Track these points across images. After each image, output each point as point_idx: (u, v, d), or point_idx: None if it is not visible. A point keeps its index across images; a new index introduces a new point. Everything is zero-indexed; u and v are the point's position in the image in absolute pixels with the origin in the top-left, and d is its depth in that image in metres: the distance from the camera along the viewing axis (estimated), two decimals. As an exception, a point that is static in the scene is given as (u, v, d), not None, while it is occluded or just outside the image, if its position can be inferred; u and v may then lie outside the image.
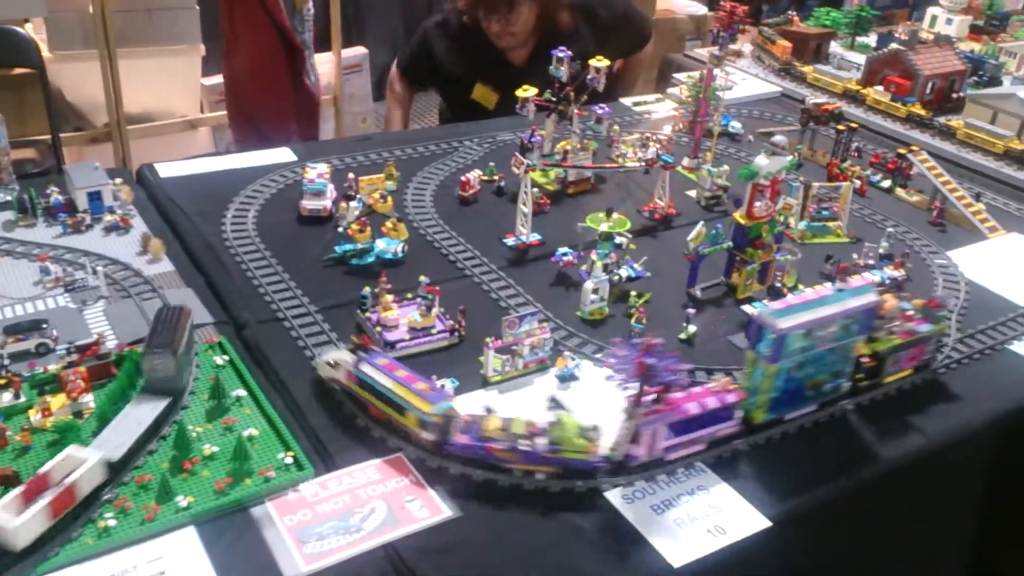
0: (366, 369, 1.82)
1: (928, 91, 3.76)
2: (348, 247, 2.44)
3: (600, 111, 3.03)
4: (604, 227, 2.42)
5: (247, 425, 1.80)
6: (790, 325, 1.81)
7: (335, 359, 1.87)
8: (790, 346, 1.83)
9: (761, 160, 2.29)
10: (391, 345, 2.05)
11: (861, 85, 3.93)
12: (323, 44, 5.06)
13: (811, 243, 2.74)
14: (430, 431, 1.73)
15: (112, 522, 1.55)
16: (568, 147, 2.96)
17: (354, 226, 2.40)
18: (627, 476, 1.76)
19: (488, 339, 2.00)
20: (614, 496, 1.72)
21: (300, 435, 1.80)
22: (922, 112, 3.64)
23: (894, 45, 4.04)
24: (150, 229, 2.52)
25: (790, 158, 2.35)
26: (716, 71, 3.07)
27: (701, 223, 2.34)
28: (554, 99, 2.91)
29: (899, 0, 5.41)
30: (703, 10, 6.37)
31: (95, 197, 2.52)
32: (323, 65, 5.20)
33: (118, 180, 2.61)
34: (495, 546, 1.59)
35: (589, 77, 2.91)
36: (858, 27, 4.60)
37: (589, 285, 2.26)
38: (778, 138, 2.25)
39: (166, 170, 2.87)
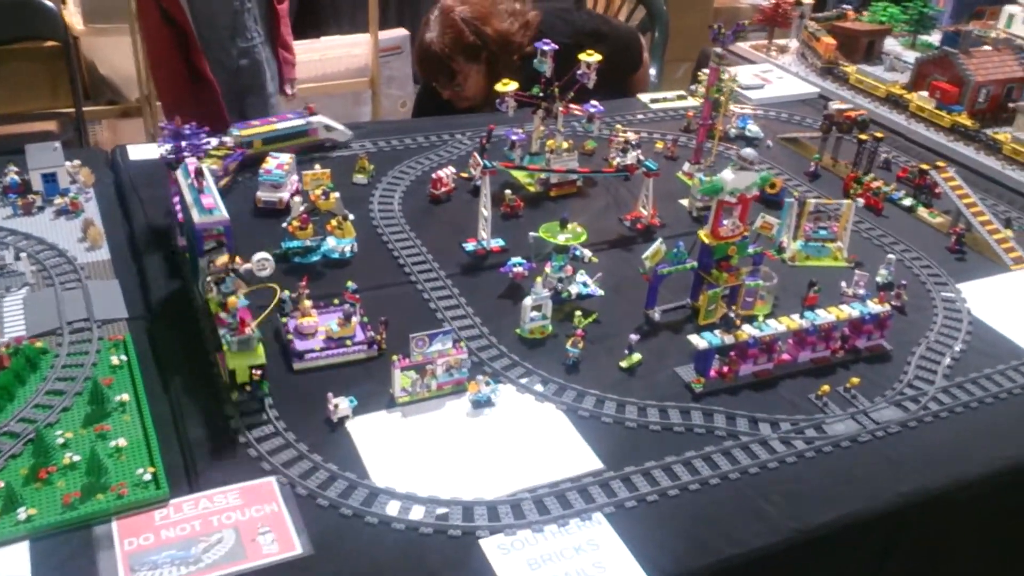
0: None
1: (981, 99, 3.41)
2: (295, 244, 2.33)
3: (592, 109, 2.84)
4: (562, 238, 2.23)
5: (120, 434, 1.70)
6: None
7: None
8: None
9: (727, 174, 2.07)
10: (299, 355, 1.93)
11: (907, 89, 3.60)
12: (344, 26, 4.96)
13: (804, 265, 2.50)
14: None
15: (-55, 531, 1.48)
16: (553, 147, 2.77)
17: (295, 222, 2.29)
18: (512, 524, 1.59)
19: (395, 357, 1.86)
20: (489, 544, 1.56)
21: (173, 448, 1.70)
22: (967, 123, 3.31)
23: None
24: (103, 214, 2.46)
25: (762, 174, 2.11)
26: (727, 70, 2.82)
27: (660, 240, 2.14)
28: (539, 95, 2.72)
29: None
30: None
31: (50, 179, 2.47)
32: (359, 47, 5.13)
33: (76, 162, 2.55)
34: (336, 593, 1.46)
35: (579, 72, 2.72)
36: (920, 24, 4.24)
37: (528, 302, 2.09)
38: (747, 151, 2.03)
39: (137, 152, 2.81)
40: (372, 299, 2.18)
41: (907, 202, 2.85)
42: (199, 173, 1.98)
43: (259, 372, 1.76)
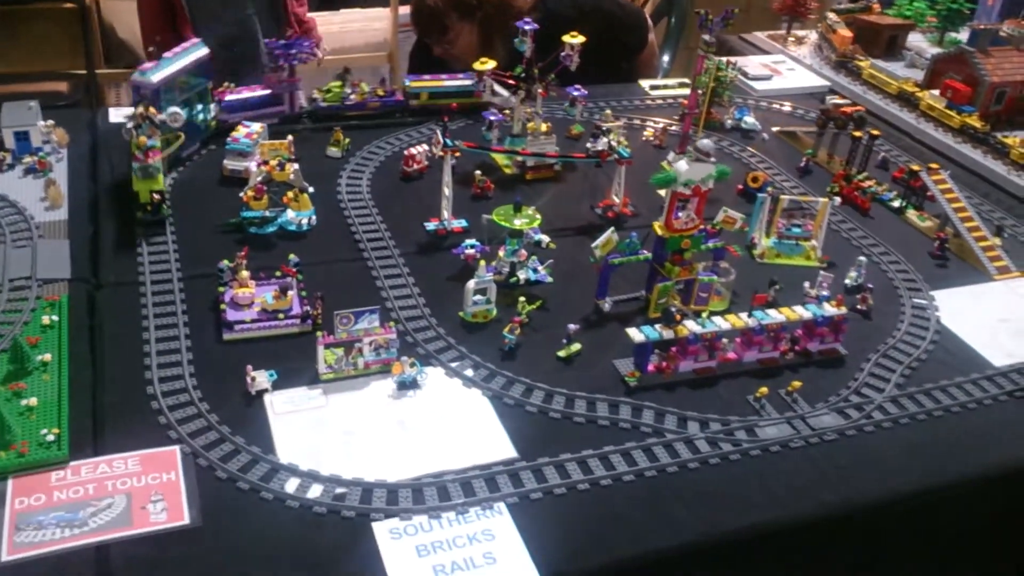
0: None
1: (995, 101, 3.27)
2: (254, 214, 2.32)
3: (575, 92, 2.78)
4: (518, 223, 2.19)
5: (35, 393, 1.71)
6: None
7: None
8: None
9: (681, 165, 2.01)
10: (229, 326, 1.92)
11: (921, 87, 3.46)
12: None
13: (774, 263, 2.42)
14: None
15: None
16: (532, 129, 2.72)
17: (249, 192, 2.27)
18: (409, 508, 1.57)
19: (319, 333, 1.84)
20: (382, 528, 1.53)
21: (85, 412, 1.70)
22: (977, 124, 3.17)
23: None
24: (72, 175, 2.48)
25: (720, 167, 2.04)
26: (710, 60, 2.73)
27: (612, 229, 2.09)
28: (518, 76, 2.67)
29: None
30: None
31: (22, 137, 2.49)
32: (379, 21, 5.11)
33: (49, 122, 2.57)
34: (211, 567, 1.44)
35: (563, 54, 2.67)
36: (948, 20, 4.09)
37: (471, 285, 2.06)
38: (704, 142, 1.96)
39: (118, 115, 2.82)
40: (321, 273, 2.17)
41: (896, 203, 2.74)
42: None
43: (158, 196, 2.23)
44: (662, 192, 2.69)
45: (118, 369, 1.81)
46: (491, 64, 2.62)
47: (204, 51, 2.62)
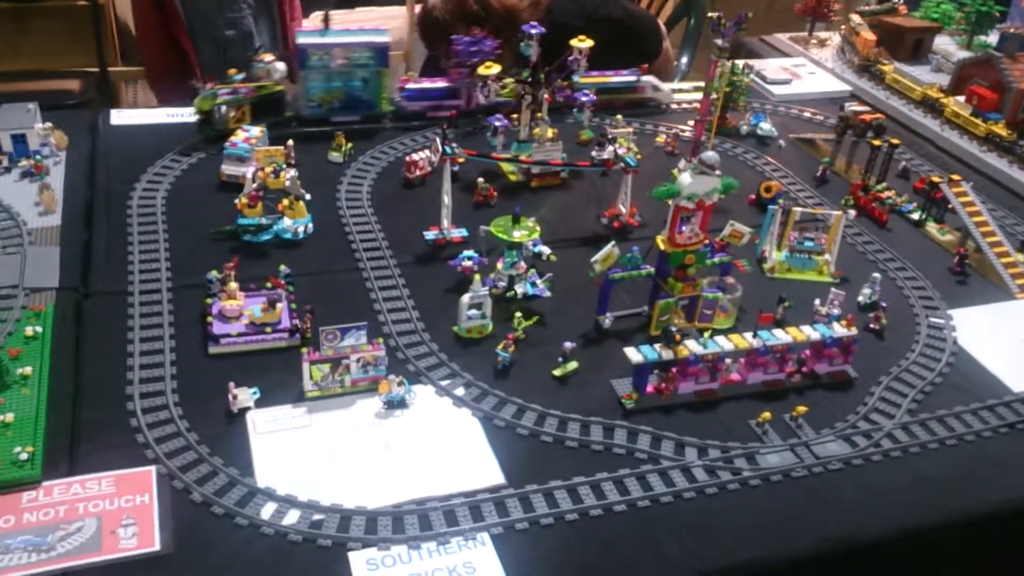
0: None
1: (1023, 108, 3.15)
2: (249, 221, 2.27)
3: (584, 98, 2.71)
4: (518, 235, 2.12)
5: (12, 408, 1.67)
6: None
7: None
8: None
9: (684, 178, 1.93)
10: (215, 340, 1.87)
11: (945, 93, 3.35)
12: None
13: (784, 278, 2.33)
14: None
15: None
16: (538, 135, 2.65)
17: (243, 199, 2.22)
18: (388, 538, 1.51)
19: (304, 349, 1.78)
20: (358, 559, 1.48)
21: (63, 429, 1.65)
22: (1003, 133, 3.06)
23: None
24: (69, 179, 2.44)
25: (726, 179, 1.96)
26: (723, 66, 2.64)
27: (612, 243, 2.01)
28: (525, 80, 2.60)
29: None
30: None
31: (19, 140, 2.46)
32: (395, 20, 5.05)
33: (48, 124, 2.54)
34: (180, 598, 1.39)
35: (570, 58, 2.59)
36: (978, 23, 3.95)
37: (465, 299, 1.99)
38: (709, 154, 1.88)
39: (120, 118, 2.79)
40: (314, 284, 2.13)
41: (916, 215, 2.64)
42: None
43: (203, 115, 2.60)
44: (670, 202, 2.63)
45: (100, 384, 1.77)
46: (496, 69, 2.55)
47: (385, 37, 2.76)
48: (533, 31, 2.52)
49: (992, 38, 3.90)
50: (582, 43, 2.57)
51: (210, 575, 1.43)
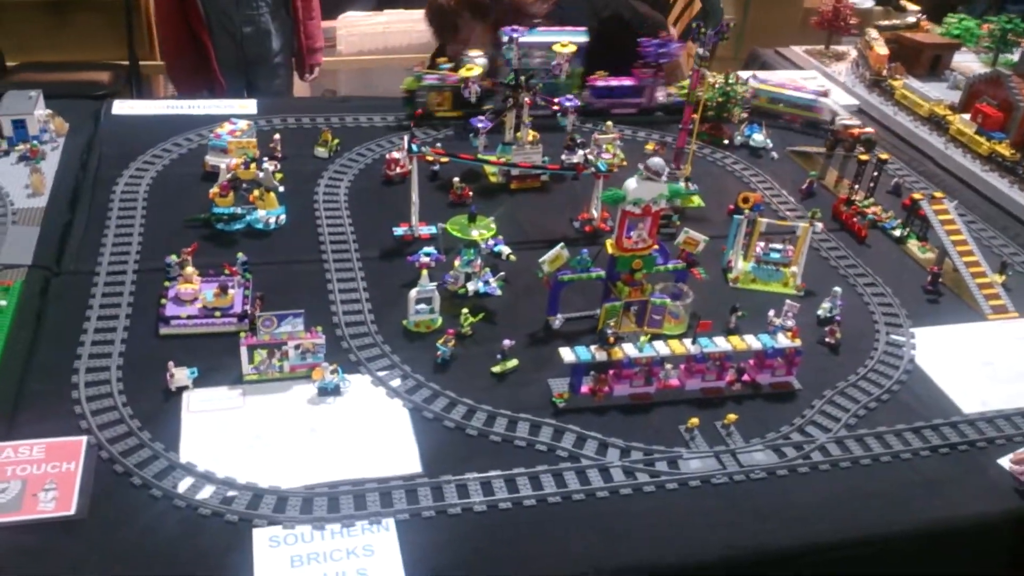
0: None
1: (1032, 128, 3.08)
2: (222, 210, 2.35)
3: (567, 103, 2.72)
4: (475, 233, 2.16)
5: (-37, 376, 1.76)
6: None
7: None
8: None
9: (630, 184, 1.94)
10: (165, 321, 1.94)
11: (954, 110, 3.29)
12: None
13: (747, 288, 2.32)
14: None
15: None
16: (519, 138, 2.68)
17: (215, 189, 2.30)
18: (294, 518, 1.55)
19: (242, 333, 1.84)
20: (262, 535, 1.52)
21: (7, 397, 1.74)
22: (1006, 152, 2.99)
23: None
24: (63, 164, 2.55)
25: (675, 185, 1.96)
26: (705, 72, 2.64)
27: (561, 245, 2.03)
28: (507, 83, 2.64)
29: None
30: (868, 3, 5.61)
31: (19, 125, 2.58)
32: (422, 23, 5.11)
33: (48, 111, 2.65)
34: (83, 560, 1.45)
35: (552, 63, 2.62)
36: (1002, 41, 3.87)
37: (413, 294, 2.03)
38: (655, 160, 1.89)
39: (121, 107, 2.90)
40: (276, 273, 2.19)
41: (897, 232, 2.61)
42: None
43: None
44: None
45: (50, 357, 1.85)
46: (477, 70, 2.59)
47: (583, 38, 2.75)
48: (514, 35, 2.55)
49: (1016, 55, 3.82)
50: (564, 49, 2.59)
51: (117, 540, 1.49)
